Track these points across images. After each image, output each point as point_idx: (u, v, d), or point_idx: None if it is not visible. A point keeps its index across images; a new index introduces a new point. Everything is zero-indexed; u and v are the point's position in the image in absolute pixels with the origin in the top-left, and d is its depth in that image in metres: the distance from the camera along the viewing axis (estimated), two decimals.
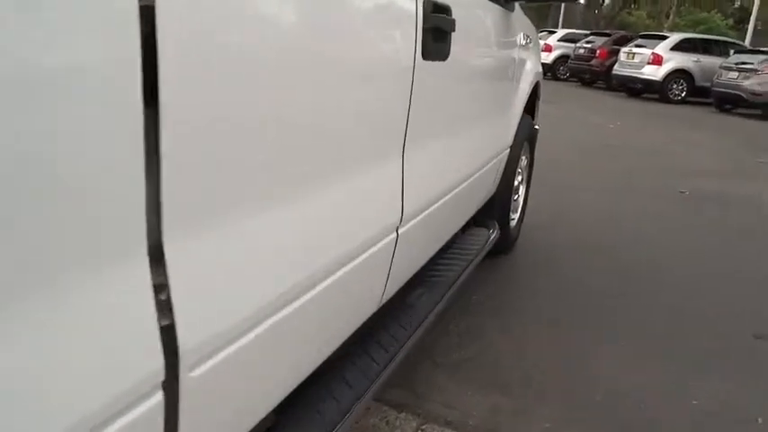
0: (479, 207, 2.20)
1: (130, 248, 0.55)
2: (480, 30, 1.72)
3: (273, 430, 0.96)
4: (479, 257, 1.92)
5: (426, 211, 1.33)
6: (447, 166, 1.51)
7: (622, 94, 13.33)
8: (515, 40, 2.29)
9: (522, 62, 2.52)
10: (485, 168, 1.95)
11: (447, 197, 1.49)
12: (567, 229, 3.30)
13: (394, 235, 1.17)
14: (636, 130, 7.80)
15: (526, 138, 2.73)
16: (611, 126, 7.94)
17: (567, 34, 17.21)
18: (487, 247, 2.03)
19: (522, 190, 2.95)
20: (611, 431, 1.60)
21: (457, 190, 1.58)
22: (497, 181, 2.38)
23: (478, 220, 2.30)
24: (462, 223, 1.96)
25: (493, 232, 2.17)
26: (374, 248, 1.09)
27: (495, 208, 2.46)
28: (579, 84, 15.32)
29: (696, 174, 5.17)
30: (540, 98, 3.05)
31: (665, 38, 12.88)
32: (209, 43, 0.61)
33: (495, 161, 2.14)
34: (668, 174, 5.09)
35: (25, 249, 0.45)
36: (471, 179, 1.75)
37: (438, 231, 1.59)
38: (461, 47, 1.42)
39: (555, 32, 17.96)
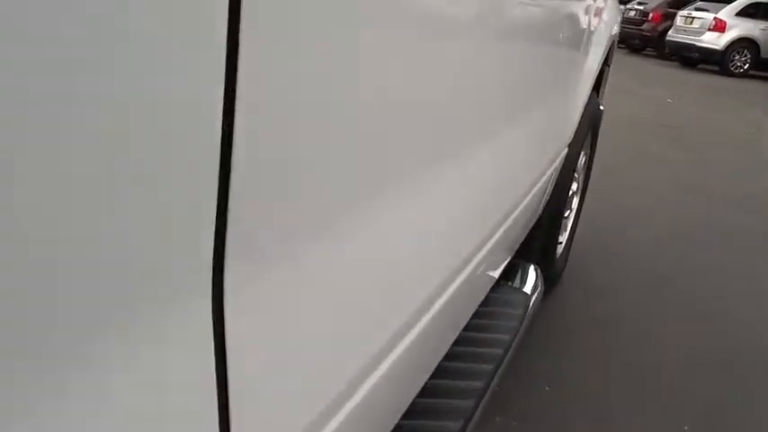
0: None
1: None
2: None
3: None
4: (508, 357, 1.08)
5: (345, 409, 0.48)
6: (411, 266, 0.63)
7: (675, 63, 12.01)
8: None
9: (596, 16, 1.61)
10: (521, 206, 1.08)
11: (406, 341, 0.62)
12: (625, 255, 2.42)
13: None
14: (697, 108, 6.71)
15: (591, 127, 1.85)
16: (669, 101, 6.86)
17: None
18: (523, 332, 1.18)
19: (575, 201, 2.07)
20: None
21: (445, 297, 0.71)
22: (545, 201, 1.52)
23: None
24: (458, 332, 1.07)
25: (534, 296, 1.30)
26: None
27: (536, 240, 1.60)
28: (627, 50, 13.94)
29: None
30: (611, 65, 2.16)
31: (729, 1, 11.46)
32: None
33: (543, 179, 1.28)
34: (752, 171, 4.11)
35: None
36: (487, 248, 0.88)
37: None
38: None
39: None
